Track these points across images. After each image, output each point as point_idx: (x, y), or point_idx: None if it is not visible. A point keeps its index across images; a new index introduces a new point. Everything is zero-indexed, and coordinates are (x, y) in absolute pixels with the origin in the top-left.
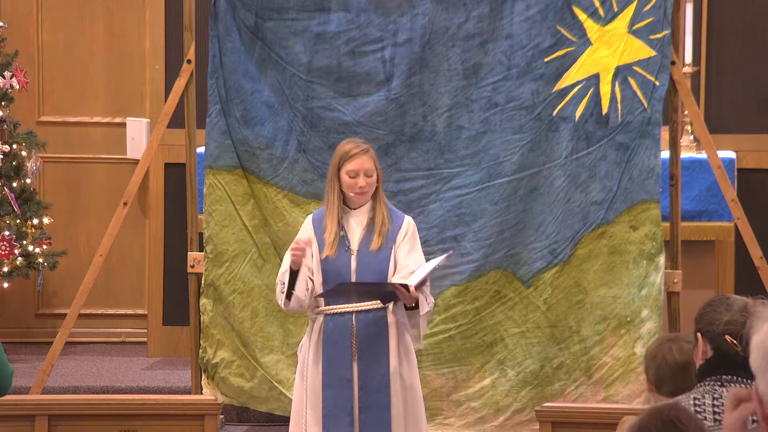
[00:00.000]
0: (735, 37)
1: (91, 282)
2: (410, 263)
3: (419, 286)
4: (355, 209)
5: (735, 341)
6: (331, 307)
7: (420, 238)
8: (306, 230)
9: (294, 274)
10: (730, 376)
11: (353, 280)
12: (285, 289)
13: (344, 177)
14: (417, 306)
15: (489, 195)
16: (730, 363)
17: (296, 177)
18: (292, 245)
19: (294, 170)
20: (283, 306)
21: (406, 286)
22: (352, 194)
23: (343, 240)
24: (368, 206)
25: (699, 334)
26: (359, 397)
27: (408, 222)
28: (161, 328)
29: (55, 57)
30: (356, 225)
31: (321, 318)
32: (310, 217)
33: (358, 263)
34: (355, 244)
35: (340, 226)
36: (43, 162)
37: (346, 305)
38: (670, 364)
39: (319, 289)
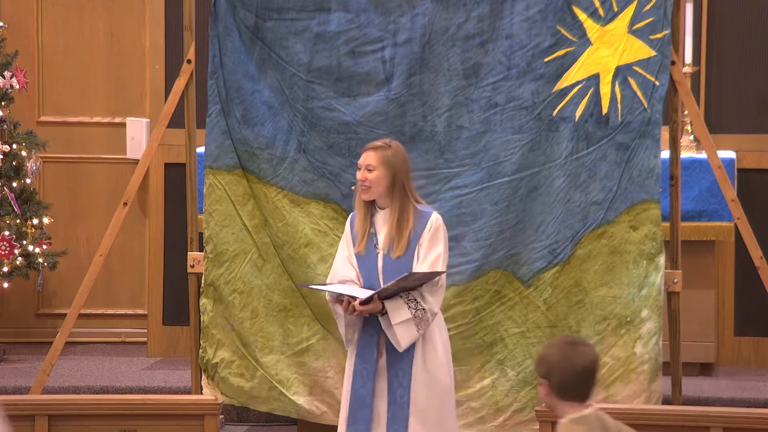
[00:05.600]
0: (735, 37)
1: (91, 282)
2: (423, 261)
3: (369, 299)
4: (382, 208)
5: None
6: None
7: None
8: (347, 228)
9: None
10: None
11: (380, 279)
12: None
13: None
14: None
15: (489, 195)
16: None
17: (296, 177)
18: (352, 308)
19: (294, 170)
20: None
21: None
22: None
23: (372, 238)
24: (391, 208)
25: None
26: (388, 393)
27: (432, 219)
28: (161, 328)
29: (55, 57)
30: (383, 224)
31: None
32: (351, 215)
33: (384, 264)
34: (381, 244)
35: (371, 223)
36: (43, 162)
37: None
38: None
39: (357, 282)
